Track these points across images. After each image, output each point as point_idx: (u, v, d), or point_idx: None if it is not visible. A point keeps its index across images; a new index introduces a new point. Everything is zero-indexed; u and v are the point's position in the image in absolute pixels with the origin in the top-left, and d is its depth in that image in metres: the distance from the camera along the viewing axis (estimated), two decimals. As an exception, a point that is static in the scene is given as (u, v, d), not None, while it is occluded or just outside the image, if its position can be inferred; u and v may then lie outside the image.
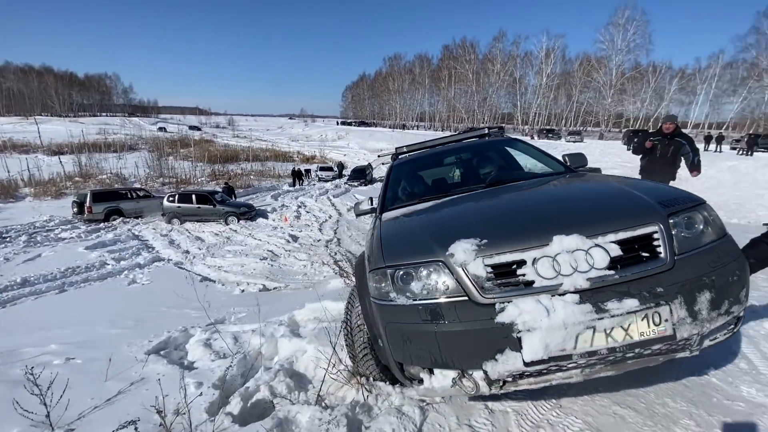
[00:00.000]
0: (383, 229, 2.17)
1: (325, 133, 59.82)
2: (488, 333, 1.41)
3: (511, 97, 52.76)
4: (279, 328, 3.12)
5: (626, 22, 41.31)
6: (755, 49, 34.72)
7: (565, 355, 1.36)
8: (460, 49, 54.24)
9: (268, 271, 7.56)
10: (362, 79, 78.10)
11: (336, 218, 15.01)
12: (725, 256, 1.51)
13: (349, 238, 11.42)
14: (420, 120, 65.83)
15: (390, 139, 48.97)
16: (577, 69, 48.21)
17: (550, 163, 2.95)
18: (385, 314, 1.64)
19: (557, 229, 1.49)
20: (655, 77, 44.52)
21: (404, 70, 63.61)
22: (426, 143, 3.87)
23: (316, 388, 2.30)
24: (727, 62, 39.36)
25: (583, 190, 2.08)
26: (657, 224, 1.49)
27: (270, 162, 35.91)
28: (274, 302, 4.60)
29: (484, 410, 1.82)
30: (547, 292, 1.40)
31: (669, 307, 1.36)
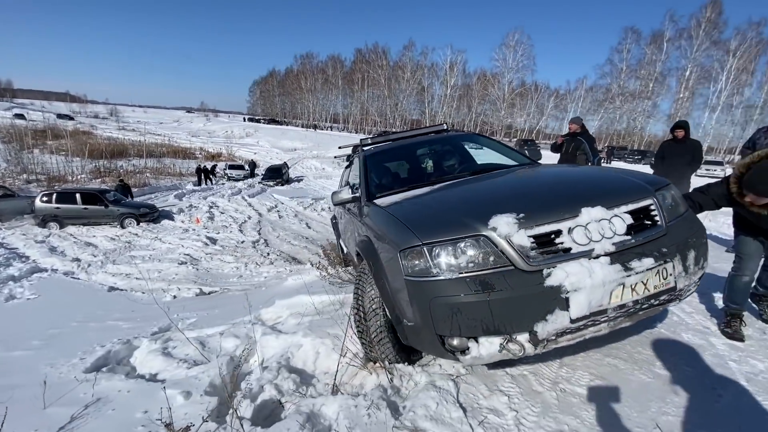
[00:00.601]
0: (394, 212, 2.17)
1: (231, 130, 55.73)
2: (539, 296, 1.53)
3: (420, 105, 55.85)
4: (254, 327, 2.86)
5: (516, 44, 47.03)
6: (609, 77, 42.69)
7: (602, 309, 1.56)
8: (372, 53, 55.50)
9: (195, 276, 6.78)
10: (272, 75, 74.54)
11: (257, 219, 14.14)
12: (695, 223, 1.90)
13: (278, 239, 10.87)
14: (334, 121, 65.55)
15: (304, 138, 47.83)
16: (475, 83, 53.21)
17: (515, 156, 3.27)
18: (427, 290, 1.65)
19: (584, 202, 1.69)
20: (537, 95, 51.52)
21: (317, 69, 62.58)
22: (390, 137, 3.96)
23: (324, 380, 2.20)
24: (589, 86, 47.58)
25: (586, 173, 2.36)
26: (652, 198, 1.80)
27: (168, 159, 32.10)
28: (224, 305, 4.17)
29: (506, 376, 1.96)
30: (583, 256, 1.58)
31: (672, 263, 1.66)
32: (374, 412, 1.68)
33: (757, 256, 2.36)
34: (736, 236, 2.45)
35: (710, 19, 33.49)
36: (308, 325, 2.62)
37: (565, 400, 1.77)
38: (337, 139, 49.10)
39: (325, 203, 18.13)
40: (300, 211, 16.28)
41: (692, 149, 4.75)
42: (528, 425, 1.63)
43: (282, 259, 8.10)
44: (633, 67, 40.09)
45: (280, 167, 27.05)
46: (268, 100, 76.71)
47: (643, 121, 41.01)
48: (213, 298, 4.76)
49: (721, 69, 34.26)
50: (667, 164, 4.72)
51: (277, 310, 3.35)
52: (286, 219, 14.41)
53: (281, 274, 6.21)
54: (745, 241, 2.36)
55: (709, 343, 2.32)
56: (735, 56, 33.21)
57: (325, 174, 30.94)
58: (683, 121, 5.00)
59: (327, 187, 25.35)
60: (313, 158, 37.28)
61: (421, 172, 3.34)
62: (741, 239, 2.39)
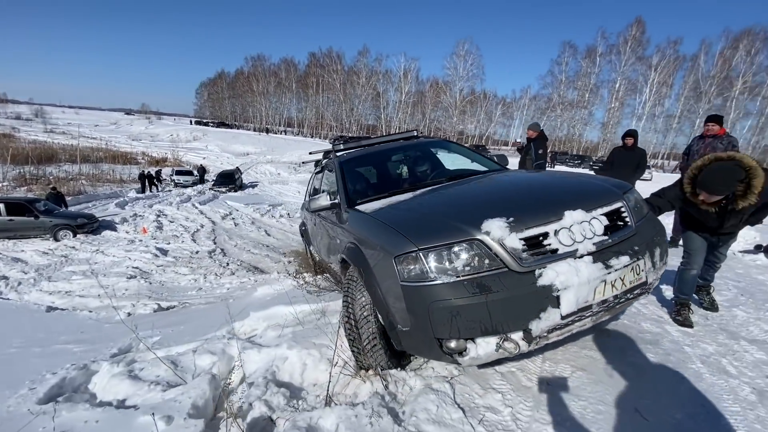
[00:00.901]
0: (382, 218, 2.19)
1: (177, 133, 52.62)
2: (533, 296, 1.62)
3: (375, 110, 56.34)
4: (231, 342, 2.72)
5: (466, 53, 49.05)
6: (551, 87, 45.97)
7: (588, 305, 1.68)
8: (326, 58, 55.21)
9: (149, 290, 6.28)
10: (220, 76, 71.31)
11: (210, 227, 13.43)
12: (657, 222, 2.10)
13: (236, 248, 10.40)
14: (288, 125, 64.15)
15: (257, 142, 46.33)
16: (428, 90, 54.72)
17: (486, 162, 3.42)
18: (425, 294, 1.68)
19: (566, 205, 1.82)
20: (485, 102, 54.04)
21: (269, 72, 60.90)
22: (362, 142, 3.97)
23: (314, 392, 2.15)
24: (533, 95, 50.83)
25: (562, 179, 2.50)
26: (621, 201, 1.97)
27: (106, 164, 29.61)
28: (190, 320, 3.91)
29: (496, 374, 2.04)
30: (569, 256, 1.70)
31: (643, 260, 1.82)
32: (376, 421, 1.67)
33: (703, 251, 2.65)
34: (684, 234, 2.74)
35: (635, 36, 37.21)
36: (291, 337, 2.54)
37: (554, 393, 1.88)
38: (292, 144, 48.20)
39: (283, 209, 17.67)
40: (257, 218, 15.71)
41: (639, 157, 5.20)
42: (524, 419, 1.70)
43: (244, 269, 7.75)
44: (571, 79, 43.43)
45: (233, 172, 26.00)
46: (217, 102, 73.39)
47: (581, 128, 44.44)
48: (176, 314, 4.44)
49: (645, 82, 38.18)
50: (616, 170, 5.13)
51: (253, 323, 3.21)
52: (243, 227, 13.84)
53: (245, 285, 5.94)
54: (692, 237, 2.65)
55: (665, 330, 2.57)
56: (656, 71, 37.15)
57: (281, 179, 30.17)
58: (633, 130, 5.44)
59: (283, 192, 24.74)
60: (268, 163, 36.22)
61: (399, 177, 3.39)
62: (689, 236, 2.67)
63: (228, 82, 70.35)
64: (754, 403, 1.82)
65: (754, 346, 2.39)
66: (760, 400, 1.84)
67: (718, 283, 3.67)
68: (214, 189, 23.76)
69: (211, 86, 74.80)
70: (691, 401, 1.82)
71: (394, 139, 3.98)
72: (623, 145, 5.33)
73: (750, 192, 2.16)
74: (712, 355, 2.27)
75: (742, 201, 2.21)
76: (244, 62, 66.04)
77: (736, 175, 2.15)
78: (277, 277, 5.87)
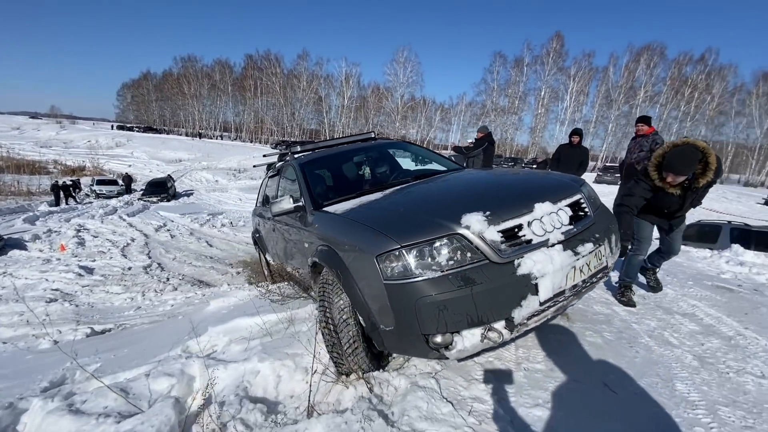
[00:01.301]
0: (356, 218, 2.16)
1: (96, 139, 47.48)
2: (514, 285, 1.69)
3: (318, 114, 55.57)
4: (190, 361, 2.49)
5: (405, 60, 50.30)
6: (484, 94, 48.80)
7: (561, 291, 1.79)
8: (265, 60, 53.32)
9: (75, 314, 5.52)
10: (146, 77, 65.53)
11: (143, 240, 12.27)
12: (609, 212, 2.30)
13: (175, 261, 9.60)
14: (224, 130, 60.86)
15: (190, 148, 43.42)
16: (370, 95, 55.28)
17: (444, 161, 3.52)
18: (411, 291, 1.68)
19: (534, 198, 1.92)
20: (425, 108, 55.87)
21: (202, 73, 57.28)
22: (319, 144, 3.90)
23: (292, 404, 2.04)
24: (468, 102, 53.56)
25: (525, 174, 2.63)
26: (580, 193, 2.13)
27: (8, 175, 25.83)
28: (134, 343, 3.49)
29: (476, 365, 2.08)
30: (543, 246, 1.80)
31: (603, 246, 1.98)
32: (368, 425, 1.63)
33: (650, 239, 2.96)
34: (636, 222, 2.96)
35: (556, 49, 40.87)
36: (261, 349, 2.38)
37: (532, 377, 1.97)
38: (229, 149, 45.81)
39: (225, 218, 16.72)
40: (196, 229, 14.68)
41: (583, 154, 5.68)
42: (509, 406, 1.76)
43: (187, 283, 7.15)
44: (502, 87, 46.41)
45: (164, 181, 24.10)
46: (142, 105, 67.39)
47: (512, 133, 47.63)
48: (115, 337, 3.95)
49: (566, 90, 42.07)
50: (562, 166, 5.57)
51: (211, 339, 2.97)
52: (181, 238, 12.84)
53: (192, 300, 5.48)
54: (644, 226, 2.93)
55: (613, 311, 2.83)
56: (574, 80, 41.11)
57: (220, 187, 28.58)
58: (579, 129, 5.88)
59: (223, 200, 23.45)
60: (203, 170, 34.08)
61: (363, 178, 3.36)
62: (640, 224, 2.93)
63: (155, 83, 64.99)
64: (697, 368, 2.06)
65: (686, 319, 2.72)
66: (702, 365, 2.09)
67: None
68: (144, 199, 21.84)
69: (135, 88, 68.54)
70: (648, 372, 2.01)
71: (352, 141, 3.95)
72: (569, 143, 5.76)
73: (708, 169, 2.44)
74: (656, 329, 2.53)
75: (702, 178, 2.48)
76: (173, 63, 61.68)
77: (695, 155, 2.42)
78: (227, 289, 5.51)
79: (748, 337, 2.43)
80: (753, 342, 2.37)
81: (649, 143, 4.74)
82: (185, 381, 2.38)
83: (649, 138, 4.78)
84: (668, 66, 38.34)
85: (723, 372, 2.03)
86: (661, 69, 38.60)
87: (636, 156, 5.06)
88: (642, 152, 4.97)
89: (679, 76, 37.81)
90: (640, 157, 4.99)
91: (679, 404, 1.76)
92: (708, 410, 1.73)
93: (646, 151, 4.91)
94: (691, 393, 1.84)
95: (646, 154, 4.91)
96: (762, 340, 2.38)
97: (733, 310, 2.92)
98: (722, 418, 1.68)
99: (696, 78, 37.10)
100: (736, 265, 4.68)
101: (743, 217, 13.31)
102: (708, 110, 37.37)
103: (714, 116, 37.63)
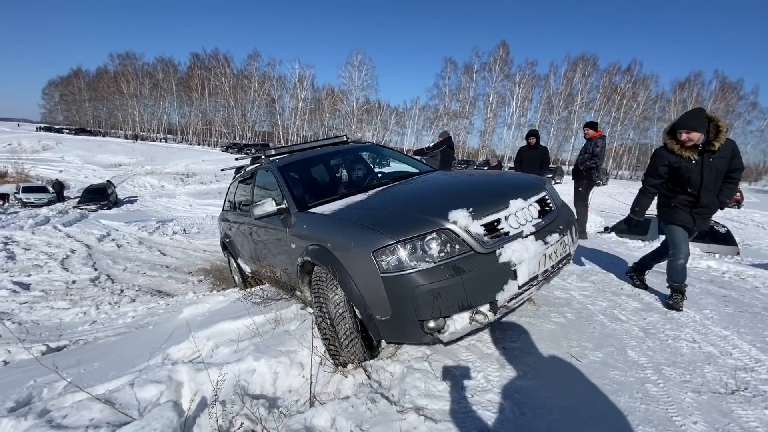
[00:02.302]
0: (347, 217, 2.30)
1: (19, 142, 42.73)
2: (497, 272, 1.91)
3: (271, 116, 54.18)
4: (177, 367, 2.46)
5: (360, 64, 50.57)
6: (437, 99, 50.45)
7: (535, 275, 2.05)
8: (213, 60, 50.99)
9: (18, 332, 5.04)
10: (77, 75, 59.89)
11: (85, 252, 11.38)
12: (568, 207, 2.63)
13: (126, 272, 9.02)
14: (169, 132, 57.35)
15: (131, 151, 40.48)
16: (325, 97, 54.91)
17: (417, 164, 3.74)
18: (408, 282, 1.85)
19: (509, 196, 2.18)
20: (380, 112, 56.55)
21: (142, 72, 53.56)
22: (294, 148, 3.95)
23: (291, 398, 2.13)
24: (422, 106, 55.02)
25: (497, 175, 2.88)
26: (545, 190, 2.43)
27: None
28: (104, 356, 3.30)
29: (461, 348, 2.30)
30: (518, 237, 2.05)
31: (567, 236, 2.28)
32: (374, 406, 1.77)
33: (686, 240, 2.89)
34: (666, 227, 2.96)
35: (502, 57, 43.20)
36: (255, 349, 2.42)
37: (510, 354, 2.21)
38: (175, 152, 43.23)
39: (176, 225, 15.91)
40: (145, 238, 13.84)
41: (542, 154, 6.09)
42: (495, 379, 1.98)
43: (145, 293, 6.78)
44: (454, 92, 48.16)
45: (104, 187, 22.38)
46: (73, 105, 61.49)
47: (464, 136, 49.56)
48: (76, 353, 3.67)
49: (512, 96, 44.60)
50: (524, 167, 5.97)
51: (192, 345, 2.93)
52: (129, 248, 12.06)
53: (155, 311, 5.21)
54: (675, 230, 2.89)
55: (571, 296, 3.18)
56: (519, 87, 43.71)
57: (166, 192, 26.99)
58: (534, 130, 6.30)
59: (171, 207, 22.23)
60: (147, 175, 31.97)
61: (343, 180, 3.48)
62: (671, 229, 2.90)
63: (87, 81, 59.71)
64: (643, 338, 2.43)
65: (630, 299, 3.14)
66: (646, 335, 2.46)
67: (594, 256, 4.62)
68: (82, 207, 20.14)
69: (65, 86, 62.36)
70: (605, 343, 2.34)
71: (324, 144, 4.04)
72: (527, 145, 6.14)
73: (720, 132, 2.58)
74: (607, 308, 2.91)
75: (716, 141, 2.57)
76: (109, 60, 56.91)
77: (702, 113, 2.58)
78: (195, 296, 5.35)
79: (681, 312, 2.87)
80: (684, 315, 2.81)
81: (592, 146, 5.26)
82: (174, 387, 2.37)
83: (600, 141, 5.26)
84: (601, 75, 42.12)
85: (663, 340, 2.41)
86: (595, 78, 42.34)
87: (580, 158, 5.55)
88: (586, 154, 5.47)
89: (610, 85, 41.65)
90: (584, 159, 5.48)
91: (632, 367, 2.09)
92: (654, 370, 2.06)
93: (589, 154, 5.41)
94: (640, 358, 2.18)
95: (589, 156, 5.41)
96: (691, 313, 2.83)
97: (666, 291, 3.40)
98: (666, 375, 2.02)
99: (624, 86, 41.07)
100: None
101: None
102: (635, 116, 41.52)
103: (640, 121, 41.91)
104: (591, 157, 5.40)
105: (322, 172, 3.50)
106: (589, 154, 5.39)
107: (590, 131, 5.32)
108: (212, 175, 29.56)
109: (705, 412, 1.73)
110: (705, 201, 2.75)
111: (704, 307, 2.95)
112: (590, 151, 5.35)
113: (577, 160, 5.54)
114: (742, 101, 40.13)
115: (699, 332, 2.51)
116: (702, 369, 2.08)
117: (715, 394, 1.87)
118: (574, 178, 5.67)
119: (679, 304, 2.87)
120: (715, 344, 2.35)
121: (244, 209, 4.01)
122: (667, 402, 1.80)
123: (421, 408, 1.75)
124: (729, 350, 2.28)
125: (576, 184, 5.71)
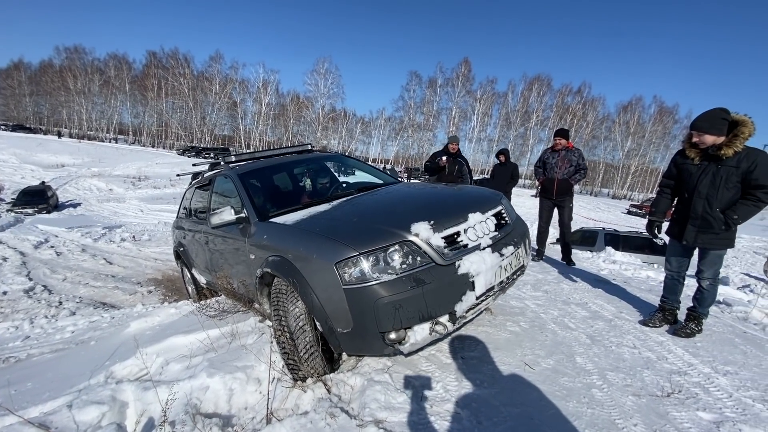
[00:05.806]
0: (309, 228, 2.27)
1: (-59, 137, 38.46)
2: (456, 283, 1.97)
3: (232, 120, 52.56)
4: (121, 386, 2.30)
5: (326, 72, 50.47)
6: (402, 110, 51.41)
7: (492, 286, 2.13)
8: (171, 59, 48.77)
9: (-67, 351, 4.45)
10: (17, 67, 54.97)
11: (18, 260, 10.36)
12: (523, 222, 2.76)
13: (66, 282, 8.30)
14: (121, 132, 53.95)
15: (76, 152, 37.63)
16: (290, 103, 54.19)
17: (381, 174, 3.77)
18: (370, 293, 1.86)
19: (468, 209, 2.26)
20: (346, 120, 56.64)
21: (92, 68, 50.10)
22: (256, 155, 3.87)
23: (247, 416, 2.05)
24: (388, 117, 55.79)
25: (458, 189, 2.95)
26: (501, 205, 2.54)
27: None
28: (38, 375, 2.97)
29: (421, 359, 2.32)
30: (476, 249, 2.12)
31: (521, 248, 2.39)
32: (333, 421, 1.74)
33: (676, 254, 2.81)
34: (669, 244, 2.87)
35: (464, 73, 44.91)
36: (209, 364, 2.31)
37: (469, 363, 2.27)
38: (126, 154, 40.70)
39: (124, 232, 14.92)
40: (89, 245, 12.83)
41: (511, 169, 6.44)
42: (453, 389, 2.02)
43: (88, 305, 6.26)
44: (418, 104, 49.33)
45: (43, 189, 20.58)
46: (11, 99, 56.34)
47: (428, 148, 50.67)
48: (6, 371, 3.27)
49: (473, 111, 46.36)
50: (496, 182, 6.31)
51: (139, 362, 2.74)
52: (70, 256, 11.13)
53: (99, 324, 4.81)
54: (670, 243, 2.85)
55: (525, 305, 3.33)
56: (480, 102, 45.57)
57: (115, 196, 25.28)
58: (504, 149, 6.66)
59: (120, 212, 20.85)
60: (94, 177, 29.78)
61: (306, 190, 3.43)
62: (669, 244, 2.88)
63: (29, 75, 55.03)
64: (590, 344, 2.58)
65: (579, 307, 3.33)
66: (593, 342, 2.62)
67: (546, 267, 4.85)
68: (16, 211, 18.38)
69: (3, 78, 57.08)
70: (556, 350, 2.46)
71: (289, 153, 3.99)
72: (499, 162, 6.55)
73: (736, 138, 2.30)
74: (558, 317, 3.07)
75: (728, 147, 2.32)
76: (55, 53, 52.73)
77: (720, 114, 2.33)
78: (144, 309, 5.02)
79: (623, 319, 3.08)
80: (627, 323, 3.02)
81: (577, 157, 4.75)
82: (117, 408, 2.22)
83: (575, 152, 4.77)
84: (554, 95, 44.91)
85: (608, 346, 2.57)
86: (549, 97, 45.07)
87: (567, 171, 4.82)
88: (572, 167, 4.82)
89: (563, 105, 44.48)
90: (570, 172, 4.81)
91: (580, 373, 2.21)
92: (599, 375, 2.20)
93: (573, 167, 4.81)
94: (587, 364, 2.32)
95: (574, 170, 4.81)
96: (632, 322, 3.04)
97: (610, 299, 3.64)
98: (609, 380, 2.16)
99: (575, 107, 43.99)
100: (610, 263, 5.76)
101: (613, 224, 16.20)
102: (584, 134, 44.47)
103: (589, 140, 44.93)
104: (577, 170, 4.81)
105: (285, 180, 3.44)
106: (574, 167, 4.80)
107: (562, 141, 4.74)
108: (167, 179, 28.10)
109: (644, 415, 1.86)
110: (697, 209, 2.50)
111: (644, 315, 3.19)
112: (575, 164, 4.79)
113: (562, 173, 4.82)
114: (678, 124, 44.21)
115: (639, 338, 2.71)
116: (641, 373, 2.24)
117: (653, 397, 2.02)
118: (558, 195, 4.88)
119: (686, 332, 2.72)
120: (653, 349, 2.54)
121: (201, 217, 3.85)
122: (610, 406, 1.92)
123: (381, 421, 1.74)
124: (665, 355, 2.47)
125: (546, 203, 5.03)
